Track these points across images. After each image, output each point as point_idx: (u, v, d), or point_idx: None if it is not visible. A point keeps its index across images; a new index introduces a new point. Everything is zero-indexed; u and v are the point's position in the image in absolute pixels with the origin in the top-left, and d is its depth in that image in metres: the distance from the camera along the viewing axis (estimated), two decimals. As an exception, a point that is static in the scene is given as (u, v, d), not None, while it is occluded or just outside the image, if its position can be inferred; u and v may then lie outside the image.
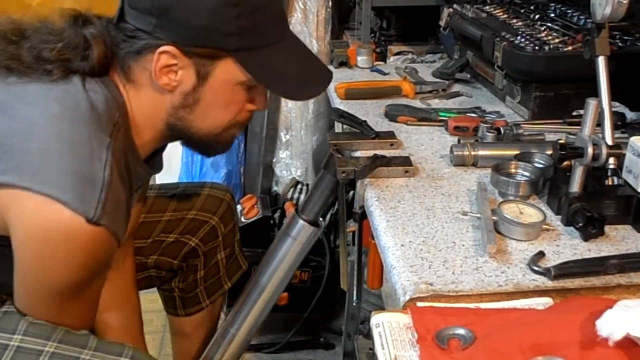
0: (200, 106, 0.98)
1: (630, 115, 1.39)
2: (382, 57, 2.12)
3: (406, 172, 1.19)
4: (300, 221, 1.25)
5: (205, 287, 1.46)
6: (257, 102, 1.02)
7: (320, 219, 1.27)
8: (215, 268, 1.46)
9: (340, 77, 1.83)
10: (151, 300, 1.56)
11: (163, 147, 1.13)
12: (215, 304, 1.50)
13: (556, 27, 1.55)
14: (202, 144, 1.06)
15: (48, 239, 0.84)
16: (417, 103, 1.60)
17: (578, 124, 1.09)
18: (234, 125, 1.04)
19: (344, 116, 1.40)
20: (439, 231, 1.01)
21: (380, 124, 1.45)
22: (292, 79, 1.00)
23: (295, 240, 1.26)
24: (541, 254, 0.94)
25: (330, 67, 1.94)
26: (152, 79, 0.95)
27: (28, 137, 0.87)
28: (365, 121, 1.37)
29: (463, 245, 0.97)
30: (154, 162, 1.12)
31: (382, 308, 1.67)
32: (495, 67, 1.56)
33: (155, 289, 1.48)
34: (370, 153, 1.22)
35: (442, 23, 1.85)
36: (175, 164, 2.38)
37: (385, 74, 1.86)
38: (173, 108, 0.98)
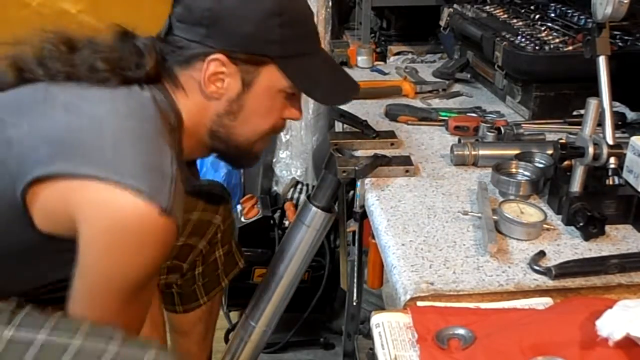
0: (243, 113, 1.02)
1: (630, 115, 1.39)
2: (382, 57, 2.12)
3: (407, 171, 1.19)
4: (313, 208, 1.24)
5: (203, 284, 1.47)
6: (293, 111, 1.08)
7: (334, 205, 1.26)
8: (213, 265, 1.46)
9: (340, 76, 1.83)
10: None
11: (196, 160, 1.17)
12: (213, 301, 1.51)
13: (556, 27, 1.55)
14: (236, 153, 1.09)
15: (122, 228, 0.85)
16: (417, 103, 1.60)
17: (578, 123, 1.09)
18: (269, 134, 1.08)
19: (345, 116, 1.40)
20: (439, 231, 1.01)
21: (381, 124, 1.45)
22: (326, 86, 1.07)
23: (309, 228, 1.25)
24: (542, 254, 0.94)
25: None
26: (200, 87, 0.99)
27: (99, 134, 0.89)
28: (365, 121, 1.37)
29: (464, 245, 0.97)
30: (191, 171, 1.13)
31: (382, 308, 1.67)
32: (496, 67, 1.56)
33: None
34: (371, 152, 1.22)
35: (442, 23, 1.85)
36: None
37: (385, 73, 1.86)
38: (217, 116, 1.02)
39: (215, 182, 1.56)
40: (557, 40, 1.47)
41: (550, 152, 1.15)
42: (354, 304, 1.59)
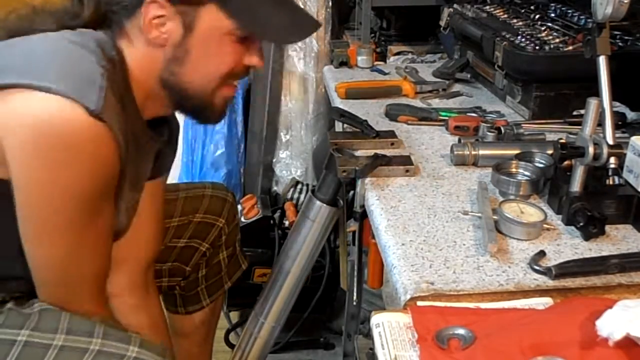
0: (190, 58, 0.96)
1: (630, 115, 1.39)
2: (382, 57, 2.12)
3: (407, 171, 1.19)
4: (317, 202, 1.24)
5: (206, 286, 1.46)
6: (252, 57, 1.00)
7: (338, 198, 1.26)
8: (217, 267, 1.46)
9: (340, 76, 1.83)
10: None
11: (169, 121, 1.13)
12: (215, 303, 1.51)
13: (556, 27, 1.55)
14: (196, 105, 1.03)
15: (49, 133, 0.83)
16: (417, 103, 1.60)
17: (578, 123, 1.09)
18: (226, 80, 1.01)
19: (345, 115, 1.40)
20: (439, 230, 1.01)
21: (381, 124, 1.45)
22: (279, 25, 0.99)
23: (314, 222, 1.25)
24: (542, 254, 0.94)
25: (331, 67, 1.94)
26: (144, 35, 0.95)
27: (28, 53, 0.90)
28: (365, 120, 1.37)
29: (464, 245, 0.97)
30: (160, 130, 1.10)
31: (382, 308, 1.67)
32: (496, 67, 1.56)
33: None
34: (371, 152, 1.22)
35: (442, 23, 1.85)
36: (175, 164, 2.38)
37: (385, 73, 1.86)
38: (165, 62, 0.97)
39: (219, 184, 1.55)
40: (557, 40, 1.47)
41: (550, 152, 1.15)
42: (354, 304, 1.59)
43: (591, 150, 1.00)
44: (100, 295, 1.03)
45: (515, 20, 1.66)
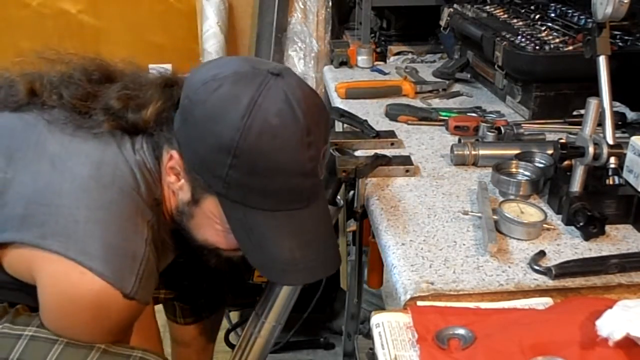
0: (194, 222, 0.95)
1: (630, 115, 1.39)
2: (382, 57, 2.12)
3: (407, 171, 1.19)
4: None
5: (206, 300, 1.44)
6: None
7: (338, 198, 1.25)
8: (218, 280, 1.44)
9: (340, 76, 1.83)
10: (151, 299, 1.56)
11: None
12: (216, 315, 1.48)
13: (556, 27, 1.55)
14: (201, 253, 1.02)
15: (76, 304, 0.85)
16: (417, 102, 1.60)
17: (578, 123, 1.09)
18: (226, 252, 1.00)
19: (345, 115, 1.40)
20: (439, 230, 1.01)
21: (381, 124, 1.45)
22: (275, 253, 0.89)
23: None
24: (542, 254, 0.94)
25: (331, 67, 1.94)
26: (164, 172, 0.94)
27: (75, 203, 0.86)
28: (365, 120, 1.37)
29: (464, 245, 0.97)
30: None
31: (382, 308, 1.67)
32: (496, 66, 1.56)
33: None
34: (371, 152, 1.22)
35: (442, 23, 1.85)
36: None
37: (385, 73, 1.86)
38: (176, 208, 0.96)
39: None
40: (557, 40, 1.47)
41: (550, 152, 1.15)
42: (354, 304, 1.59)
43: (591, 150, 1.00)
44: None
45: (515, 20, 1.66)
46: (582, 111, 1.04)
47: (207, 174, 0.88)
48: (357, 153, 1.29)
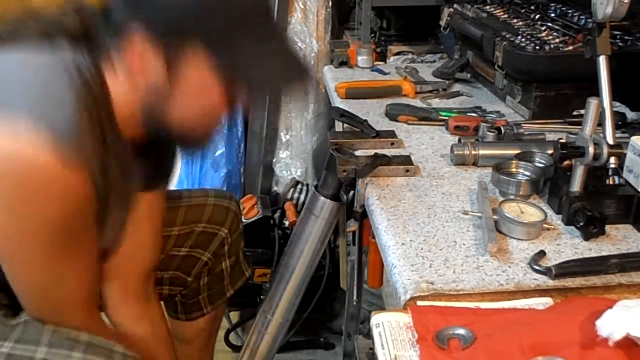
0: (173, 102, 0.92)
1: (630, 115, 1.39)
2: (382, 57, 2.12)
3: (407, 171, 1.19)
4: (321, 198, 1.23)
5: (208, 295, 1.44)
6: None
7: (342, 193, 1.25)
8: (219, 276, 1.44)
9: (340, 76, 1.83)
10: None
11: (163, 154, 1.11)
12: (217, 311, 1.49)
13: (557, 27, 1.55)
14: (177, 138, 1.00)
15: (17, 178, 0.81)
16: (417, 102, 1.60)
17: (578, 123, 1.09)
18: (214, 119, 0.99)
19: (345, 115, 1.40)
20: (439, 230, 1.01)
21: (381, 123, 1.45)
22: (269, 66, 0.92)
23: (318, 218, 1.24)
24: (542, 253, 0.94)
25: (331, 67, 1.94)
26: (126, 63, 0.91)
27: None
28: (365, 120, 1.37)
29: (464, 244, 0.97)
30: (151, 161, 1.07)
31: (382, 308, 1.67)
32: (496, 66, 1.56)
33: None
34: (371, 152, 1.22)
35: (442, 23, 1.85)
36: (175, 165, 2.38)
37: (385, 73, 1.86)
38: (143, 102, 0.93)
39: (222, 192, 1.53)
40: (557, 40, 1.47)
41: (550, 151, 1.15)
42: (354, 304, 1.59)
43: (591, 150, 1.00)
44: (88, 311, 1.00)
45: (515, 20, 1.66)
46: (582, 111, 1.04)
47: (181, 21, 0.87)
48: (357, 153, 1.29)
